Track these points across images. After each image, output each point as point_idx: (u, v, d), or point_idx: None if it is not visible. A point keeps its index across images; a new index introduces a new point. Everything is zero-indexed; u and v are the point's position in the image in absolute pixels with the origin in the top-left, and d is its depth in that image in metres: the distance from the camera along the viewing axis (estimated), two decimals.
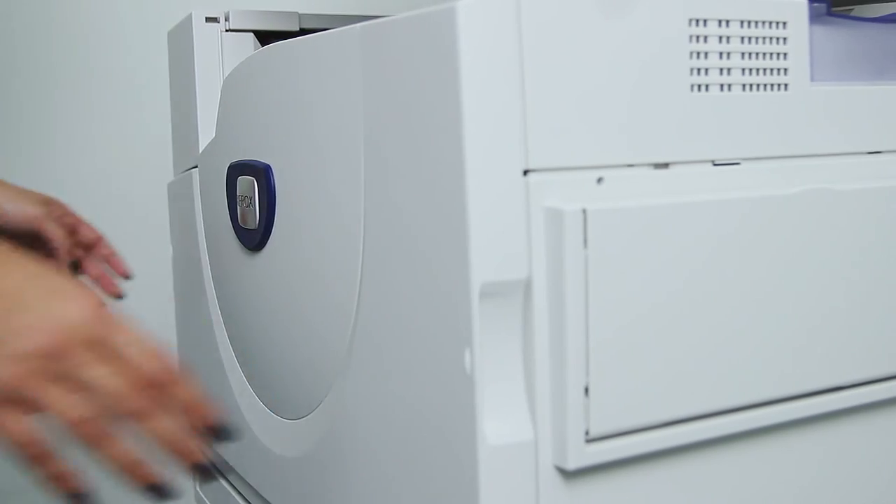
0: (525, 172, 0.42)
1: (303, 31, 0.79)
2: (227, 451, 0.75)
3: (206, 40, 0.75)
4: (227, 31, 0.76)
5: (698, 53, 0.46)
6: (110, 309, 0.44)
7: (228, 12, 0.75)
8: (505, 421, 0.43)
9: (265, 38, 0.78)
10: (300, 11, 0.78)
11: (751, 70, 0.48)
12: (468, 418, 0.43)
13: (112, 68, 1.14)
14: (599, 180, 0.44)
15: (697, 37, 0.46)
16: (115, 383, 0.43)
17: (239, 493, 0.76)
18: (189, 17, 0.75)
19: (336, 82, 0.51)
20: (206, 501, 0.85)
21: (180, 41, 0.78)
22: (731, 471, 0.48)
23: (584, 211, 0.42)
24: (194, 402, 0.45)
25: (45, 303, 0.43)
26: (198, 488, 0.87)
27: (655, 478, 0.46)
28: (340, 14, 0.80)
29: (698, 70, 0.46)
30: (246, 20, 0.76)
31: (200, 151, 0.75)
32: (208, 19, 0.75)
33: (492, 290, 0.42)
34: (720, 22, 0.47)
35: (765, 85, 0.48)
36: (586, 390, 0.43)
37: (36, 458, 0.43)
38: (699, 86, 0.46)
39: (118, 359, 0.43)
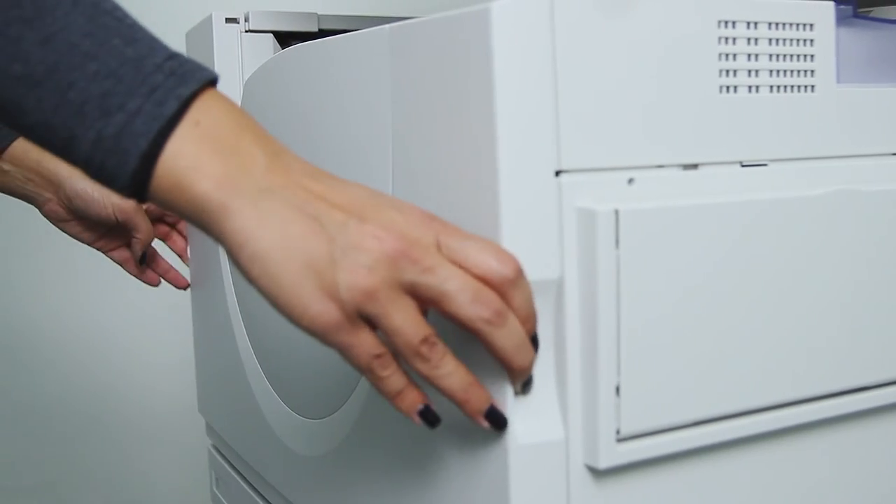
0: (557, 173, 0.43)
1: (322, 32, 0.79)
2: (246, 450, 0.76)
3: (226, 41, 0.75)
4: (246, 31, 0.76)
5: (727, 55, 0.47)
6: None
7: (248, 13, 0.76)
8: (536, 420, 0.43)
9: (284, 39, 0.78)
10: (319, 12, 0.78)
11: (778, 72, 0.48)
12: None
13: None
14: (630, 181, 0.44)
15: (726, 38, 0.46)
16: (468, 285, 0.40)
17: (257, 491, 0.77)
18: (209, 18, 0.76)
19: (364, 84, 0.52)
20: (223, 500, 0.85)
21: (199, 42, 0.79)
22: (759, 470, 0.48)
23: (617, 211, 0.42)
24: (530, 309, 0.41)
25: (385, 212, 0.40)
26: (215, 488, 0.87)
27: (684, 477, 0.46)
28: (360, 15, 0.80)
29: (727, 72, 0.47)
30: (265, 21, 0.76)
31: None
32: (228, 20, 0.75)
33: None
34: (748, 24, 0.47)
35: (792, 86, 0.49)
36: (617, 389, 0.43)
37: (384, 378, 0.41)
38: (728, 87, 0.47)
39: (464, 261, 0.40)
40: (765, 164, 0.48)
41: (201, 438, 0.93)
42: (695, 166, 0.46)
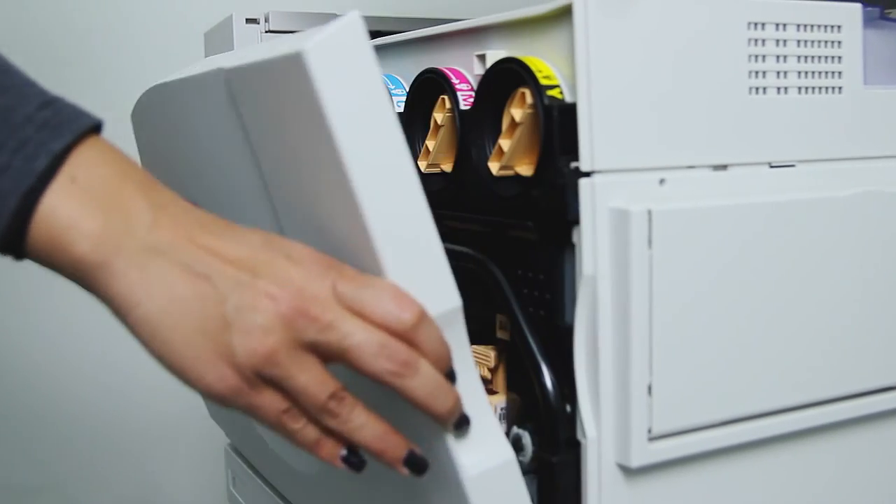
0: (590, 174, 0.43)
1: None
2: (255, 458, 0.76)
3: (247, 41, 0.76)
4: (266, 31, 0.76)
5: (756, 56, 0.47)
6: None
7: (268, 14, 0.76)
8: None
9: None
10: (337, 13, 0.79)
11: (806, 73, 0.48)
12: None
13: (146, 69, 1.15)
14: (661, 181, 0.45)
15: (756, 40, 0.47)
16: (370, 339, 0.38)
17: (275, 489, 0.77)
18: (229, 19, 0.76)
19: (218, 128, 0.49)
20: (240, 500, 0.85)
21: (219, 42, 0.79)
22: (788, 468, 0.49)
23: (650, 212, 0.42)
24: (440, 349, 0.39)
25: (279, 266, 0.38)
26: (231, 488, 0.87)
27: (712, 475, 0.46)
28: (379, 16, 0.80)
29: (756, 73, 0.47)
30: (285, 21, 0.77)
31: None
32: (248, 20, 0.76)
33: None
34: (777, 25, 0.47)
35: (819, 88, 0.49)
36: (649, 389, 0.43)
37: (297, 431, 0.39)
38: (757, 88, 0.47)
39: (363, 310, 0.38)
40: (792, 165, 0.49)
41: (215, 439, 0.93)
42: (724, 167, 0.47)
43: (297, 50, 0.36)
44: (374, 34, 0.80)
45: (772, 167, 0.48)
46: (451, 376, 0.40)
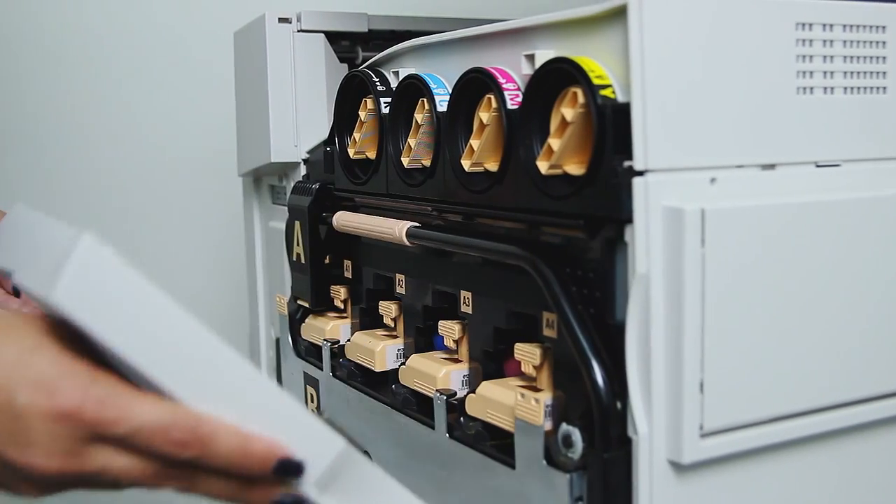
0: (643, 172, 0.43)
1: (371, 33, 0.80)
2: None
3: (279, 41, 0.76)
4: (298, 31, 0.76)
5: (804, 57, 0.47)
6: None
7: (300, 13, 0.76)
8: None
9: (334, 38, 0.79)
10: (369, 13, 0.79)
11: (851, 73, 0.49)
12: None
13: (173, 68, 1.16)
14: (712, 180, 0.45)
15: (804, 40, 0.47)
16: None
17: None
18: (261, 18, 0.76)
19: None
20: None
21: (251, 41, 0.79)
22: (837, 465, 0.49)
23: (703, 210, 0.43)
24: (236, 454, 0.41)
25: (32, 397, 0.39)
26: None
27: (762, 471, 0.47)
28: (409, 16, 0.81)
29: (804, 73, 0.47)
30: (317, 21, 0.77)
31: (273, 150, 0.76)
32: (281, 20, 0.76)
33: None
34: (824, 26, 0.48)
35: (864, 88, 0.49)
36: (701, 386, 0.44)
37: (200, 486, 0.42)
38: (804, 88, 0.47)
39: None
40: (838, 165, 0.49)
41: None
42: (772, 166, 0.47)
43: (49, 300, 0.39)
44: (407, 34, 0.81)
45: (818, 167, 0.48)
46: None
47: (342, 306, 0.73)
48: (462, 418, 0.55)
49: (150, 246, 1.17)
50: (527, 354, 0.51)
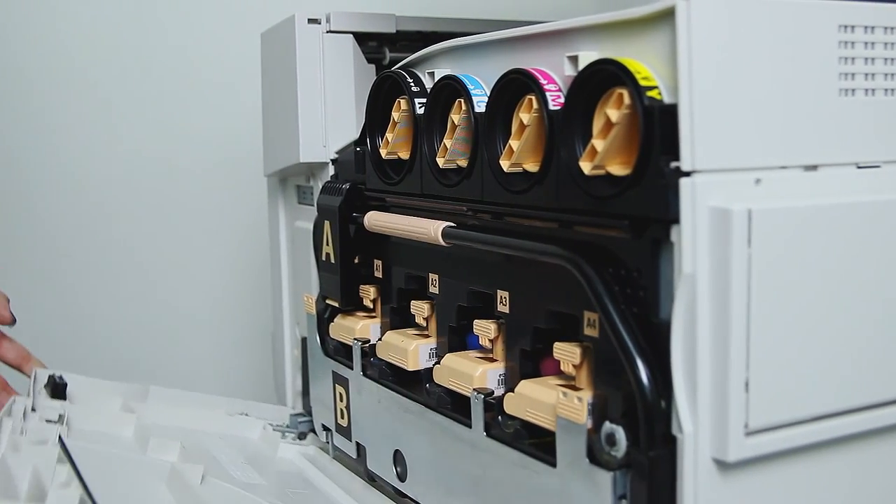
0: (690, 173, 0.44)
1: (399, 34, 0.80)
2: None
3: (308, 41, 0.76)
4: (327, 32, 0.77)
5: (846, 59, 0.48)
6: None
7: (329, 14, 0.77)
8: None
9: (362, 39, 0.79)
10: (397, 14, 0.80)
11: (893, 75, 0.49)
12: None
13: (198, 68, 1.17)
14: (757, 181, 0.45)
15: (846, 42, 0.48)
16: None
17: None
18: (291, 19, 0.77)
19: None
20: None
21: (279, 42, 0.80)
22: (881, 463, 0.50)
23: (750, 211, 0.43)
24: None
25: None
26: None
27: (806, 469, 0.47)
28: (436, 17, 0.81)
29: (846, 75, 0.48)
30: (346, 22, 0.77)
31: (302, 150, 0.77)
32: (310, 21, 0.76)
33: None
34: (866, 28, 0.48)
35: None
36: (746, 385, 0.44)
37: None
38: (846, 90, 0.48)
39: None
40: (878, 166, 0.49)
41: None
42: (814, 167, 0.48)
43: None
44: (434, 35, 0.81)
45: (859, 168, 0.49)
46: None
47: (371, 306, 0.73)
48: (500, 417, 0.56)
49: (174, 246, 1.17)
50: (567, 354, 0.51)
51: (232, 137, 1.16)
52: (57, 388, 0.77)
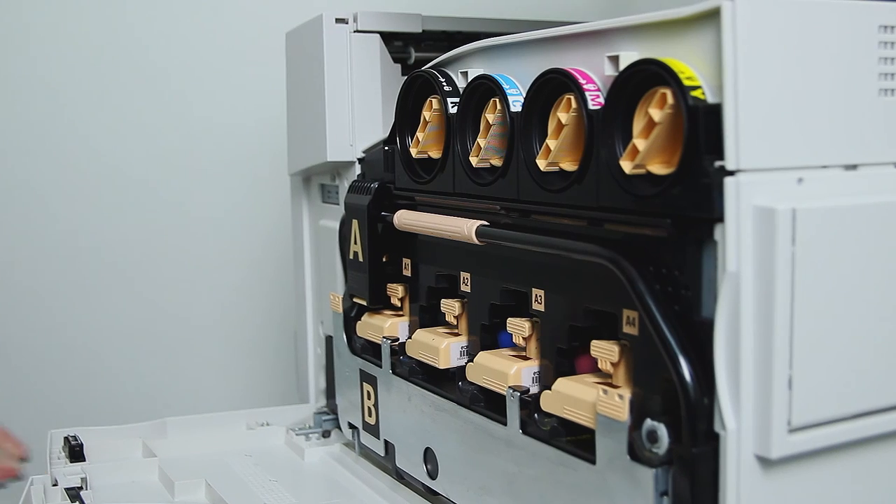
0: (734, 172, 0.44)
1: (425, 33, 0.80)
2: None
3: (336, 41, 0.77)
4: (354, 31, 0.77)
5: (886, 59, 0.48)
6: None
7: (357, 13, 0.77)
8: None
9: (388, 39, 0.80)
10: (423, 14, 0.80)
11: None
12: None
13: (222, 69, 1.17)
14: (799, 180, 0.46)
15: (887, 43, 0.48)
16: None
17: None
18: (319, 19, 0.77)
19: None
20: None
21: (306, 42, 0.80)
22: None
23: (794, 210, 0.44)
24: None
25: None
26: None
27: (848, 466, 0.48)
28: (462, 17, 0.82)
29: (886, 75, 0.48)
30: (373, 21, 0.78)
31: (329, 149, 0.77)
32: (338, 20, 0.77)
33: None
34: None
35: None
36: (790, 382, 0.45)
37: None
38: (886, 90, 0.48)
39: None
40: None
41: None
42: (854, 167, 0.48)
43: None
44: (458, 35, 0.81)
45: None
46: None
47: (399, 304, 0.74)
48: (536, 414, 0.56)
49: (195, 246, 1.17)
50: (605, 351, 0.52)
51: (251, 136, 1.16)
52: (74, 451, 0.78)
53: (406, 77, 0.69)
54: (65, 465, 0.77)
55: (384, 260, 0.73)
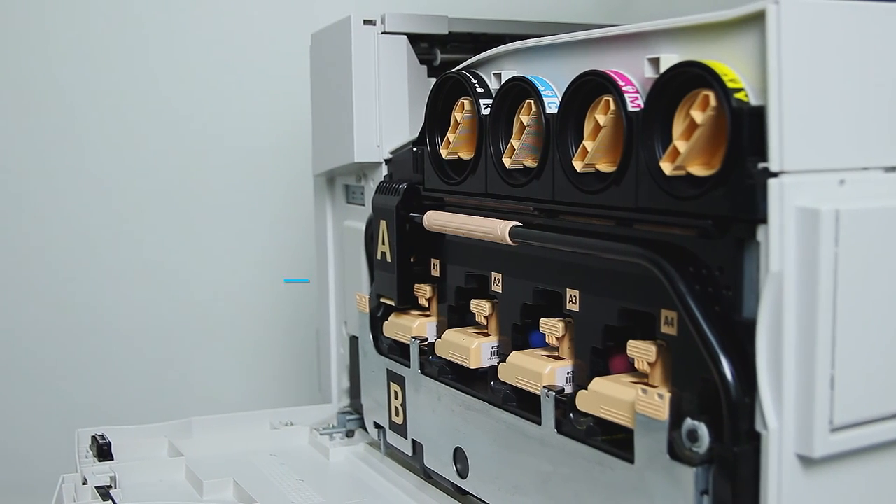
0: (778, 174, 0.44)
1: (452, 35, 0.81)
2: None
3: (364, 42, 0.77)
4: (382, 33, 0.78)
5: None
6: None
7: (384, 15, 0.78)
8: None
9: (413, 40, 0.80)
10: (449, 15, 0.80)
11: None
12: None
13: (247, 70, 1.18)
14: (841, 182, 0.46)
15: None
16: None
17: None
18: (347, 20, 0.78)
19: None
20: None
21: (333, 43, 0.80)
22: None
23: (837, 211, 0.44)
24: None
25: None
26: None
27: (889, 465, 0.48)
28: (489, 18, 0.82)
29: None
30: (400, 23, 0.78)
31: (356, 150, 0.78)
32: (366, 22, 0.77)
33: None
34: None
35: None
36: (832, 381, 0.45)
37: None
38: None
39: None
40: None
41: None
42: (893, 169, 0.48)
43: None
44: (483, 37, 0.82)
45: None
46: None
47: (426, 304, 0.74)
48: (571, 414, 0.56)
49: (218, 247, 1.18)
50: (642, 351, 0.52)
51: (274, 137, 1.17)
52: (102, 450, 0.78)
53: (436, 79, 0.69)
54: (93, 464, 0.77)
55: (412, 260, 0.74)
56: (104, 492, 0.71)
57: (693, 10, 0.51)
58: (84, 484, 0.73)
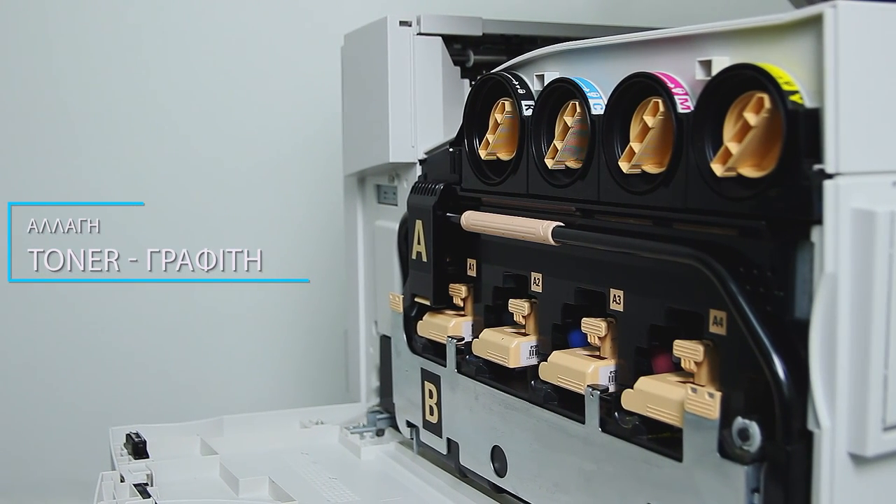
0: (833, 175, 0.45)
1: (485, 37, 0.81)
2: None
3: (400, 43, 0.78)
4: (418, 34, 0.78)
5: None
6: None
7: (420, 16, 0.78)
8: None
9: (447, 41, 0.81)
10: (483, 17, 0.81)
11: None
12: None
13: (274, 70, 1.18)
14: (894, 183, 0.47)
15: None
16: None
17: None
18: (382, 21, 0.78)
19: None
20: None
21: (368, 44, 0.81)
22: None
23: (893, 212, 0.45)
24: None
25: None
26: None
27: None
28: (522, 21, 0.83)
29: None
30: (435, 24, 0.79)
31: (392, 150, 0.78)
32: (401, 23, 0.78)
33: None
34: None
35: None
36: (885, 381, 0.45)
37: None
38: None
39: None
40: None
41: None
42: None
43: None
44: (516, 38, 0.82)
45: None
46: None
47: (461, 304, 0.75)
48: (617, 413, 0.57)
49: (249, 246, 1.19)
50: (689, 351, 0.53)
51: (302, 137, 1.17)
52: (137, 448, 0.79)
53: (474, 80, 0.70)
54: (129, 462, 0.78)
55: (447, 260, 0.74)
56: (142, 489, 0.71)
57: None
58: (122, 481, 0.73)
